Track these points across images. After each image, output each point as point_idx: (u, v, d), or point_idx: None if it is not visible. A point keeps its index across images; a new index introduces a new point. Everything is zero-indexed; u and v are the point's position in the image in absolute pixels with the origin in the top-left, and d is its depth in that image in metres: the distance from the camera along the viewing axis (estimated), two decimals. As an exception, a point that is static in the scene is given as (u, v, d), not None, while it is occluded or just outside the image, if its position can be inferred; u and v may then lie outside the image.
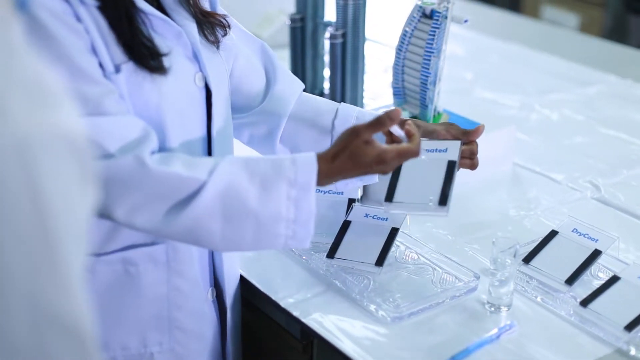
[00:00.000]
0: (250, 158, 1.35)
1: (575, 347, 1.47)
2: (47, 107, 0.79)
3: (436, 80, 1.99)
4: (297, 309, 1.55)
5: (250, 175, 1.32)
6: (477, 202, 1.94)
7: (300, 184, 1.32)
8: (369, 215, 1.71)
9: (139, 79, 1.35)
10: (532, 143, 2.27)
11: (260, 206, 1.32)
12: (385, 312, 1.51)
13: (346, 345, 1.46)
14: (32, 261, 0.79)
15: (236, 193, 1.31)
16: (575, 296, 1.55)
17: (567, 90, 2.67)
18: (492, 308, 1.55)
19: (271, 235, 1.34)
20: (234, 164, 1.33)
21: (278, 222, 1.33)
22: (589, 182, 2.05)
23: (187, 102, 1.43)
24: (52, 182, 0.79)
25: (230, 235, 1.34)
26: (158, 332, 1.49)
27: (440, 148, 1.53)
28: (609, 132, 2.37)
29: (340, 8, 2.14)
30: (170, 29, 1.40)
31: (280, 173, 1.32)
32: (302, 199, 1.33)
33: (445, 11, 1.93)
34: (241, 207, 1.31)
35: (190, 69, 1.43)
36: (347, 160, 1.34)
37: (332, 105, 1.67)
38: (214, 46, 1.51)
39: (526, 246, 1.68)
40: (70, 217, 0.81)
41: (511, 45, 3.08)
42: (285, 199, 1.32)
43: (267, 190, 1.32)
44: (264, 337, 1.74)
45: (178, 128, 1.40)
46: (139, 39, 1.35)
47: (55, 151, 0.78)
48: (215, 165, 1.32)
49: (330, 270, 1.63)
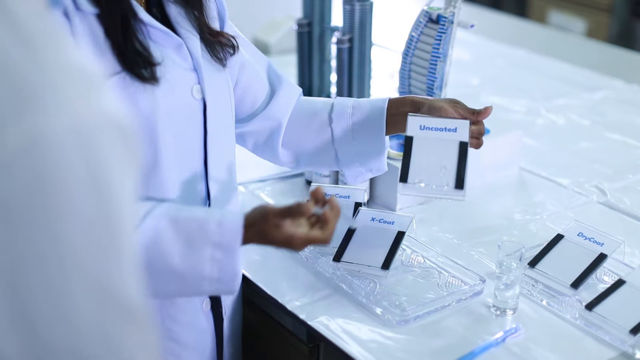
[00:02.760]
0: (180, 214, 1.34)
1: (580, 350, 1.47)
2: (97, 94, 0.80)
3: (442, 85, 1.99)
4: (304, 312, 1.56)
5: (175, 234, 1.32)
6: (483, 206, 1.95)
7: (224, 246, 1.33)
8: (375, 219, 1.72)
9: (132, 90, 1.35)
10: (538, 148, 2.28)
11: (183, 265, 1.33)
12: (391, 315, 1.52)
13: (352, 348, 1.46)
14: (97, 245, 0.80)
15: (160, 250, 1.32)
16: (580, 300, 1.56)
17: (573, 95, 2.68)
18: (497, 311, 1.55)
19: (195, 290, 1.38)
20: (162, 219, 1.33)
21: (202, 280, 1.35)
22: (594, 186, 2.06)
23: (183, 114, 1.42)
24: (110, 167, 0.80)
25: (156, 286, 1.34)
26: None
27: (449, 127, 1.53)
28: (614, 137, 2.38)
29: (347, 13, 2.15)
30: (170, 40, 1.41)
31: (206, 235, 1.33)
32: (225, 262, 1.34)
33: (452, 16, 1.93)
34: (165, 264, 1.33)
35: (188, 81, 1.43)
36: (257, 236, 1.35)
37: (328, 101, 1.69)
38: (220, 64, 1.50)
39: (532, 250, 1.68)
40: (126, 200, 0.82)
41: (517, 50, 3.09)
42: (209, 260, 1.33)
43: (192, 249, 1.33)
44: (270, 340, 1.75)
45: (172, 138, 1.40)
46: (132, 46, 1.35)
47: (110, 136, 0.80)
48: (144, 219, 1.32)
49: (336, 273, 1.63)
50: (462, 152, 1.50)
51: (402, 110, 1.60)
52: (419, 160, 1.52)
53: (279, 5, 3.17)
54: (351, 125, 1.64)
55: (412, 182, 1.51)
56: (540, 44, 3.23)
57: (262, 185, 2.01)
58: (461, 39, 2.67)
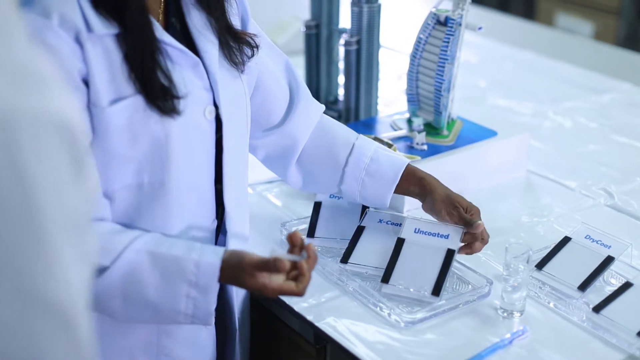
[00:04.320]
0: (160, 249, 1.36)
1: (587, 353, 1.47)
2: (36, 92, 0.79)
3: (450, 87, 2.00)
4: (311, 313, 1.56)
5: (153, 267, 1.34)
6: (491, 209, 1.95)
7: (200, 286, 1.35)
8: (382, 220, 1.72)
9: (146, 115, 1.33)
10: (545, 150, 2.28)
11: (159, 298, 1.35)
12: (399, 317, 1.52)
13: (359, 350, 1.46)
14: (18, 241, 0.78)
15: (137, 282, 1.34)
16: (587, 302, 1.55)
17: (580, 97, 2.68)
18: (504, 313, 1.55)
19: (170, 321, 1.40)
20: (141, 252, 1.34)
21: (177, 314, 1.37)
22: (602, 189, 2.06)
23: (195, 136, 1.41)
24: (37, 164, 0.78)
25: (131, 313, 1.38)
26: (147, 359, 1.48)
27: (442, 233, 1.61)
28: (622, 139, 2.38)
29: (355, 15, 2.16)
30: (187, 59, 1.38)
31: (183, 274, 1.35)
32: (201, 300, 1.36)
33: (460, 18, 1.94)
34: (141, 295, 1.35)
35: (202, 102, 1.40)
36: (231, 279, 1.37)
37: (350, 139, 1.69)
38: (237, 70, 1.48)
39: (539, 252, 1.68)
40: (59, 201, 0.80)
41: (525, 53, 3.09)
42: (184, 296, 1.36)
43: (168, 285, 1.35)
44: (276, 341, 1.75)
45: (182, 160, 1.39)
46: (155, 77, 1.32)
47: (41, 133, 0.77)
48: (123, 251, 1.34)
49: (344, 275, 1.64)
50: (447, 258, 1.59)
51: (411, 184, 1.66)
52: (404, 263, 1.60)
53: (287, 7, 3.17)
54: (363, 176, 1.67)
55: (393, 284, 1.57)
56: (548, 47, 3.22)
57: (270, 187, 2.01)
58: (468, 41, 2.67)
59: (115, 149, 1.33)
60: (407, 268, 1.59)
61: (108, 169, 1.34)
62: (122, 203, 1.38)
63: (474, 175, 2.01)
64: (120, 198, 1.37)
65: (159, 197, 1.39)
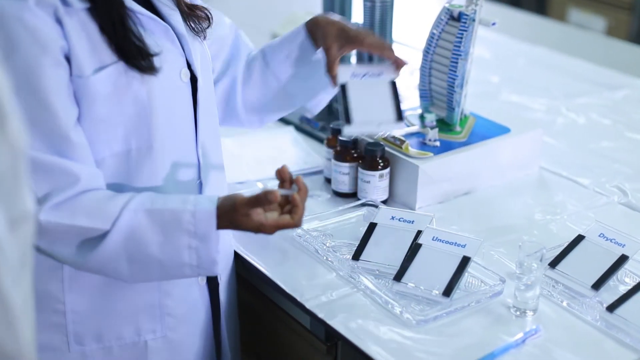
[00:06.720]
0: (155, 205, 1.40)
1: (600, 352, 1.46)
2: None
3: (463, 83, 1.98)
4: (322, 310, 1.55)
5: (152, 225, 1.38)
6: (503, 206, 1.94)
7: (199, 235, 1.39)
8: (395, 217, 1.71)
9: (128, 79, 1.40)
10: (558, 147, 2.26)
11: (162, 254, 1.39)
12: (411, 315, 1.51)
13: (371, 348, 1.46)
14: None
15: (139, 241, 1.38)
16: (601, 301, 1.54)
17: (594, 94, 2.66)
18: (517, 312, 1.54)
19: (177, 274, 1.44)
20: (138, 211, 1.38)
21: (182, 267, 1.41)
22: (615, 186, 2.04)
23: (175, 99, 1.48)
24: None
25: (139, 273, 1.42)
26: (151, 320, 1.53)
27: (459, 243, 1.62)
28: (636, 136, 2.36)
29: (368, 10, 2.14)
30: (158, 25, 1.45)
31: (180, 225, 1.39)
32: (202, 249, 1.40)
33: (473, 14, 1.92)
34: (145, 254, 1.39)
35: (177, 65, 1.48)
36: (229, 224, 1.40)
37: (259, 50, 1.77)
38: (199, 37, 1.56)
39: (552, 250, 1.67)
40: None
41: (538, 49, 3.07)
42: (186, 248, 1.40)
43: (169, 239, 1.39)
44: (288, 338, 1.75)
45: (165, 122, 1.46)
46: (130, 40, 1.39)
47: None
48: (120, 212, 1.37)
49: (355, 272, 1.63)
50: (462, 264, 1.58)
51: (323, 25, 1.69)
52: (418, 265, 1.60)
53: (300, 1, 3.17)
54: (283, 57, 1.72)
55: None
56: (561, 42, 3.21)
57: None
58: (481, 36, 2.65)
59: (101, 116, 1.39)
60: (421, 269, 1.59)
61: (96, 137, 1.40)
62: (111, 171, 1.44)
63: (487, 172, 1.99)
64: (109, 166, 1.43)
65: (146, 162, 1.46)
